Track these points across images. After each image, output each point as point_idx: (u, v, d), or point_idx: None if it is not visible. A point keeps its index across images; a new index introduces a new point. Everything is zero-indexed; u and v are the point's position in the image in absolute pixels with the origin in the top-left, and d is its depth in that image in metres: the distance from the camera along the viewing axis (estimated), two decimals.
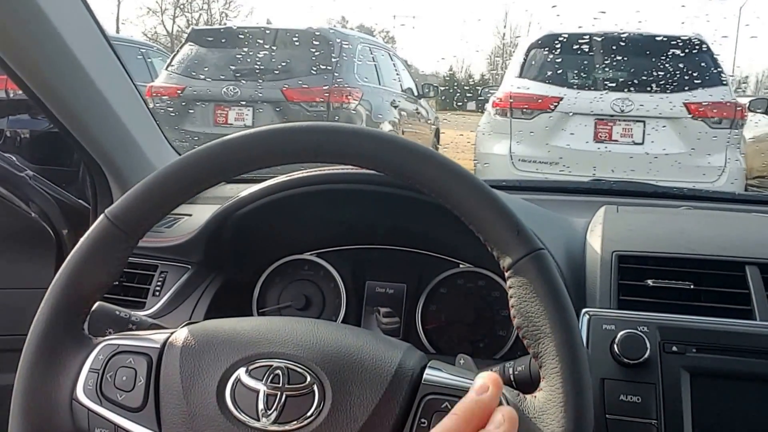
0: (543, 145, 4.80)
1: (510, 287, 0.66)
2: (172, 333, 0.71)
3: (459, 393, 0.64)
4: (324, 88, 5.51)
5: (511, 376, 0.76)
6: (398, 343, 0.70)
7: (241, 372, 0.66)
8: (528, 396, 0.65)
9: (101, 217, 0.71)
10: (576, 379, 0.62)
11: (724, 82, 4.67)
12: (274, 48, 5.82)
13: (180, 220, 1.25)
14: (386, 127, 5.96)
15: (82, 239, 0.71)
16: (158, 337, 0.71)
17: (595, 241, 1.05)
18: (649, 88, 4.65)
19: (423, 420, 0.63)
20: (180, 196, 0.72)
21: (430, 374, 0.66)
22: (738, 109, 4.60)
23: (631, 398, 0.84)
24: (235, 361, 0.67)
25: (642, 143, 4.63)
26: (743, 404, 0.83)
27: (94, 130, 1.21)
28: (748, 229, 1.13)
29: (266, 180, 1.08)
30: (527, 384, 0.79)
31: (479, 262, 1.15)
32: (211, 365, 0.67)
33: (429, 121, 7.91)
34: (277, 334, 0.69)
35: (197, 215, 1.23)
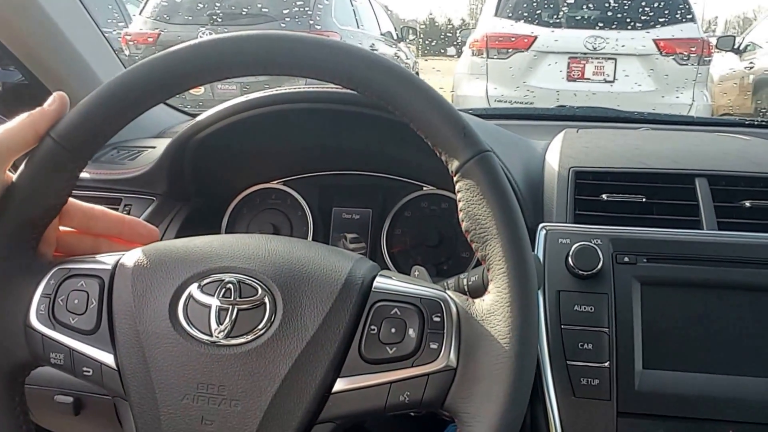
0: (518, 84, 4.85)
1: (458, 191, 0.66)
2: (123, 254, 0.71)
3: (407, 299, 0.65)
4: (302, 31, 5.41)
5: (465, 287, 0.77)
6: (349, 254, 0.71)
7: (192, 288, 0.66)
8: (476, 300, 0.66)
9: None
10: (522, 279, 0.63)
11: (693, 19, 4.72)
12: None
13: (144, 152, 1.24)
14: None
15: (26, 161, 0.69)
16: (109, 259, 0.71)
17: (553, 159, 1.06)
18: (620, 26, 4.67)
19: (373, 326, 0.64)
20: (126, 111, 0.69)
21: (379, 282, 0.67)
22: (705, 45, 4.65)
23: (585, 308, 0.87)
24: (186, 277, 0.67)
25: (613, 81, 4.67)
26: (690, 309, 0.86)
27: (41, 53, 1.18)
28: (700, 144, 1.15)
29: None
30: (481, 292, 0.81)
31: (442, 184, 1.16)
32: (163, 283, 0.67)
33: (408, 66, 7.86)
34: (229, 249, 0.69)
35: (161, 147, 1.22)
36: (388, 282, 0.68)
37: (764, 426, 0.81)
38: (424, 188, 1.18)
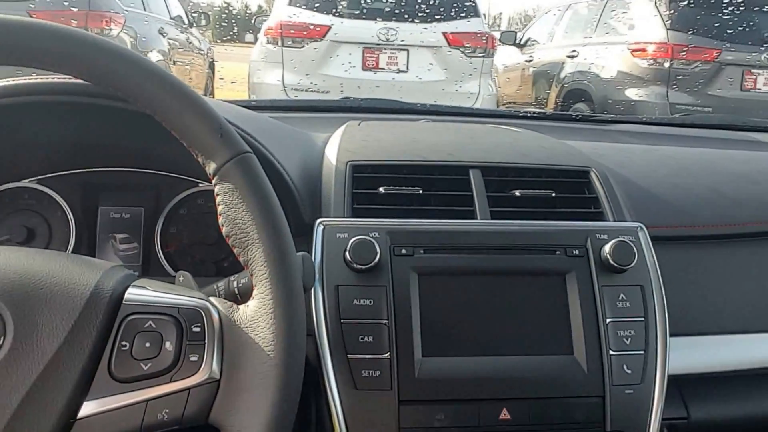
0: (314, 73, 4.96)
1: (217, 194, 0.63)
2: None
3: (163, 310, 0.61)
4: (79, 11, 5.01)
5: (236, 290, 0.74)
6: (99, 264, 0.65)
7: None
8: (241, 306, 0.64)
9: None
10: (286, 284, 0.62)
11: (477, 14, 5.17)
12: None
13: None
14: (155, 57, 5.58)
15: None
16: None
17: (331, 153, 1.05)
18: (412, 18, 4.91)
19: (124, 342, 0.60)
20: None
21: (132, 293, 0.62)
22: (489, 39, 5.07)
23: (364, 302, 0.87)
24: None
25: (406, 71, 4.91)
26: (464, 297, 0.89)
27: None
28: (474, 136, 1.20)
29: None
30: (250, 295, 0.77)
31: None
32: None
33: (202, 52, 7.57)
34: None
35: None
36: (141, 293, 0.63)
37: (534, 400, 0.86)
38: (200, 185, 1.11)
